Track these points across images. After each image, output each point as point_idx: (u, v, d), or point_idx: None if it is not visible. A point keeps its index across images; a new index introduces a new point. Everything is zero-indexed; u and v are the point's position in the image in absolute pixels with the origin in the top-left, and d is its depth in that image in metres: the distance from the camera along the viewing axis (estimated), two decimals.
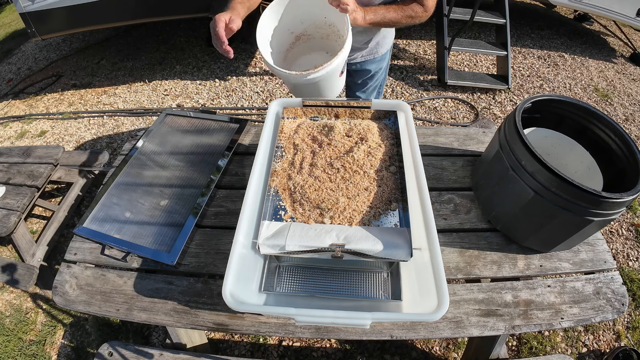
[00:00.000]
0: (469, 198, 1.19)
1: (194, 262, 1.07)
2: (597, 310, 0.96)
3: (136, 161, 1.27)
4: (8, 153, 2.05)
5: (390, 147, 1.04)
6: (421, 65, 3.26)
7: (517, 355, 1.60)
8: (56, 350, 1.71)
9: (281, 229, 0.86)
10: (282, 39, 1.20)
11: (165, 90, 3.23)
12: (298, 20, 1.17)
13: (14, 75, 3.83)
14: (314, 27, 1.21)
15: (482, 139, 1.39)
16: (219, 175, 1.19)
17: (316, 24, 1.19)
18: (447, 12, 2.83)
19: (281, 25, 1.15)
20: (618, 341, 1.64)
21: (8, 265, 1.81)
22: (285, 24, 1.16)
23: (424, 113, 2.81)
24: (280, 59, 1.21)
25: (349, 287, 0.91)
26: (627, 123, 2.73)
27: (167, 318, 0.97)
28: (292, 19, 1.16)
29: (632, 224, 2.06)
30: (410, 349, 1.60)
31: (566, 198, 0.86)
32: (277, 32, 1.16)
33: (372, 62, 1.42)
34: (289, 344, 1.65)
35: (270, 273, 0.91)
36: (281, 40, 1.20)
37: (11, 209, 1.74)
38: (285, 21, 1.15)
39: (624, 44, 3.62)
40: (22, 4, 2.70)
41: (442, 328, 0.93)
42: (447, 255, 1.05)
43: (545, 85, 3.06)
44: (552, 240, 1.01)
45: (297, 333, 0.95)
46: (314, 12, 1.14)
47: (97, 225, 1.10)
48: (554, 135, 1.12)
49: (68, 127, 2.96)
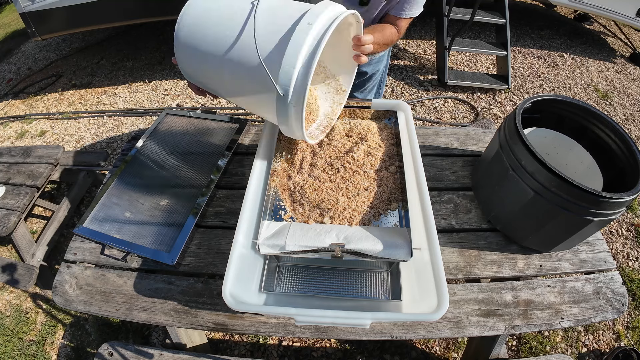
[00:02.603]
0: (469, 198, 1.19)
1: (194, 262, 1.07)
2: (597, 310, 0.96)
3: (136, 161, 1.27)
4: (8, 153, 2.05)
5: (390, 147, 1.04)
6: (421, 65, 3.26)
7: (517, 355, 1.60)
8: (56, 350, 1.71)
9: (281, 229, 0.86)
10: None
11: (165, 90, 3.23)
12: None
13: (13, 75, 3.83)
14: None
15: (482, 139, 1.39)
16: (219, 175, 1.19)
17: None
18: (447, 12, 2.83)
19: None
20: (618, 341, 1.64)
21: (8, 265, 1.81)
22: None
23: (424, 113, 2.81)
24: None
25: (349, 287, 0.91)
26: (627, 123, 2.73)
27: (167, 318, 0.97)
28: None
29: (632, 224, 2.06)
30: (410, 349, 1.60)
31: (566, 198, 0.86)
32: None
33: (369, 64, 1.41)
34: (289, 344, 1.65)
35: (270, 273, 0.91)
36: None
37: (11, 209, 1.74)
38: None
39: (624, 44, 3.62)
40: (22, 3, 2.70)
41: (442, 328, 0.93)
42: (447, 255, 1.05)
43: (545, 85, 3.06)
44: (552, 240, 1.01)
45: (297, 333, 0.95)
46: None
47: (97, 225, 1.10)
48: (554, 135, 1.12)
49: (68, 127, 2.96)
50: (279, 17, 0.80)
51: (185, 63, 0.92)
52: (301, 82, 0.75)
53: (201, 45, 0.85)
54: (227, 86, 0.91)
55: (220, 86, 0.93)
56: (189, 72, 0.94)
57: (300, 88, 0.75)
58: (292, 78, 0.74)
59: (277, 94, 0.77)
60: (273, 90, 0.77)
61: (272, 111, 0.83)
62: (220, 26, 0.83)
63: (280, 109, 0.80)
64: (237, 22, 0.81)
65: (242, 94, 0.91)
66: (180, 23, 0.87)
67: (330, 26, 0.74)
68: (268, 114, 0.89)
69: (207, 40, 0.84)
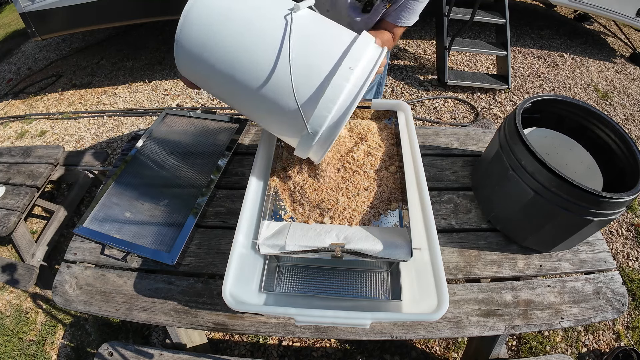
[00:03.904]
0: (469, 198, 1.19)
1: (194, 262, 1.07)
2: (597, 310, 0.96)
3: (136, 161, 1.27)
4: (8, 153, 2.05)
5: (390, 147, 1.04)
6: (421, 65, 3.26)
7: (517, 355, 1.60)
8: (56, 350, 1.71)
9: (281, 229, 0.86)
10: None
11: (165, 90, 3.23)
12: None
13: (13, 75, 3.83)
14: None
15: (482, 139, 1.39)
16: (219, 175, 1.19)
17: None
18: (447, 12, 2.83)
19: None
20: (618, 341, 1.64)
21: (8, 265, 1.81)
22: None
23: (424, 113, 2.81)
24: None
25: (349, 287, 0.91)
26: (627, 123, 2.73)
27: (167, 318, 0.97)
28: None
29: (632, 224, 2.06)
30: (410, 349, 1.60)
31: (566, 198, 0.86)
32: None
33: None
34: (289, 344, 1.65)
35: (270, 273, 0.91)
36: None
37: (11, 209, 1.74)
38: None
39: (624, 44, 3.62)
40: (22, 3, 2.70)
41: (442, 328, 0.93)
42: (447, 255, 1.05)
43: (545, 85, 3.06)
44: (552, 240, 1.01)
45: (297, 333, 0.95)
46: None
47: (97, 225, 1.10)
48: (554, 135, 1.12)
49: (68, 127, 2.96)
50: (317, 47, 0.73)
51: (186, 66, 0.82)
52: (333, 128, 0.73)
53: (213, 51, 0.74)
54: (240, 102, 0.83)
55: (230, 98, 0.85)
56: (189, 74, 0.86)
57: (331, 133, 0.74)
58: (325, 123, 0.72)
59: (303, 132, 0.74)
60: (300, 125, 0.73)
61: (291, 138, 0.80)
62: (242, 36, 0.72)
63: (304, 143, 0.77)
64: (266, 39, 0.72)
65: (257, 114, 0.84)
66: (187, 16, 0.75)
67: (370, 74, 0.71)
68: (285, 136, 0.86)
69: (224, 48, 0.73)
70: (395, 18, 1.06)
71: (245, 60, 0.73)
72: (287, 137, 0.84)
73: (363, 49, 0.73)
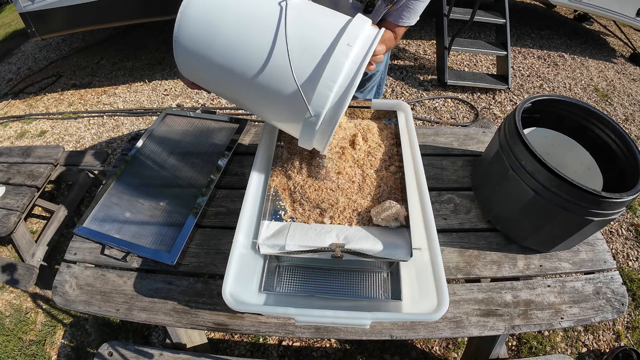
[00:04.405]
0: (469, 198, 1.19)
1: (194, 262, 1.07)
2: (597, 310, 0.96)
3: (136, 161, 1.27)
4: (8, 153, 2.05)
5: (390, 147, 1.04)
6: (421, 65, 3.26)
7: (517, 355, 1.60)
8: (56, 350, 1.71)
9: (281, 229, 0.86)
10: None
11: (165, 90, 3.23)
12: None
13: (13, 75, 3.83)
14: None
15: (482, 139, 1.39)
16: (219, 175, 1.19)
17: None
18: (447, 12, 2.83)
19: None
20: (618, 341, 1.64)
21: (8, 265, 1.81)
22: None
23: (424, 113, 2.81)
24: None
25: (349, 287, 0.91)
26: (627, 123, 2.73)
27: (167, 318, 0.97)
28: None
29: (632, 224, 2.06)
30: (410, 349, 1.60)
31: (566, 198, 0.86)
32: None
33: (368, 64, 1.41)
34: (289, 344, 1.65)
35: (270, 273, 0.91)
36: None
37: (11, 209, 1.74)
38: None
39: (624, 44, 3.62)
40: (22, 3, 2.70)
41: (442, 328, 0.93)
42: (447, 255, 1.05)
43: (545, 85, 3.06)
44: (552, 240, 1.01)
45: (297, 333, 0.95)
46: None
47: (97, 225, 1.10)
48: (554, 135, 1.12)
49: (68, 127, 2.96)
50: (313, 29, 0.73)
51: (185, 63, 0.82)
52: (336, 108, 0.71)
53: (212, 45, 0.75)
54: (240, 93, 0.83)
55: (230, 91, 0.85)
56: (188, 71, 0.86)
57: (334, 113, 0.72)
58: (327, 102, 0.70)
59: (306, 115, 0.72)
60: (301, 109, 0.72)
61: (293, 126, 0.79)
62: (239, 26, 0.73)
63: (307, 128, 0.76)
64: (263, 25, 0.72)
65: (258, 103, 0.83)
66: (184, 13, 0.76)
67: (369, 50, 0.70)
68: (286, 126, 0.85)
69: (222, 41, 0.74)
70: (396, 18, 1.06)
71: (243, 47, 0.73)
72: (290, 124, 0.83)
73: (360, 27, 0.72)
